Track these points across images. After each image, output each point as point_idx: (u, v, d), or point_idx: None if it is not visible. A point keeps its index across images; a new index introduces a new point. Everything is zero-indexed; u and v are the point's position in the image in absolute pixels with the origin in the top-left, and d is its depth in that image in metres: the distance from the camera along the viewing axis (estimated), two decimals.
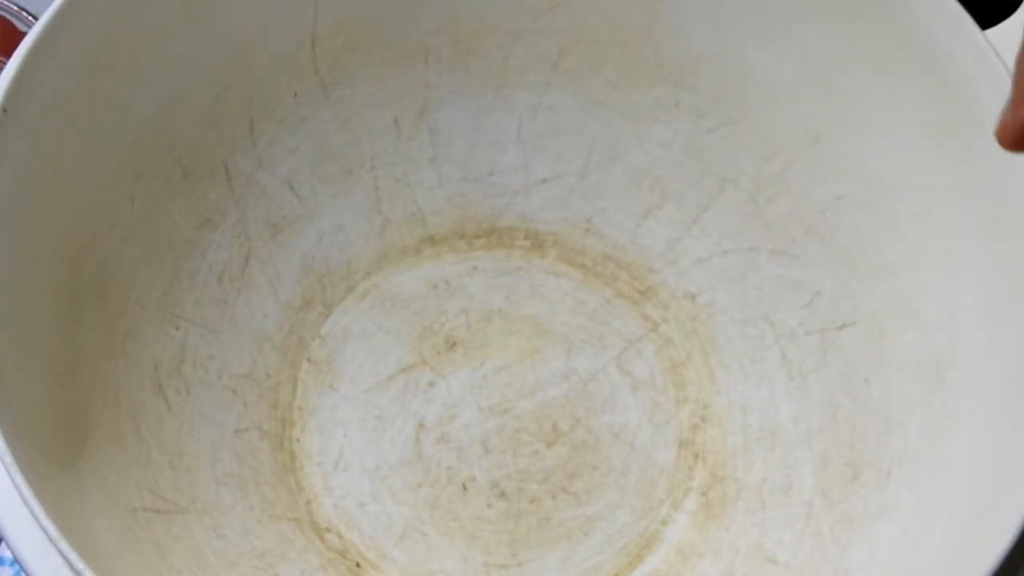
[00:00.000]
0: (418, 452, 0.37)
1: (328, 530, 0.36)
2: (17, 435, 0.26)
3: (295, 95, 0.37)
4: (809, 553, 0.34)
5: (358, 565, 0.35)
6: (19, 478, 0.25)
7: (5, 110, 0.28)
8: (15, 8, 0.40)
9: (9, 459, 0.26)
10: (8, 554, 0.37)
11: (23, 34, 0.39)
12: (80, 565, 0.25)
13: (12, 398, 0.27)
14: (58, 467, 0.29)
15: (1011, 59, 0.31)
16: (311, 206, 0.39)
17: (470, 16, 0.37)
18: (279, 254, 0.38)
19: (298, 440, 0.37)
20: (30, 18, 0.40)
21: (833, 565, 0.33)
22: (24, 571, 0.27)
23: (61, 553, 0.25)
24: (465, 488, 0.37)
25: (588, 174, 0.40)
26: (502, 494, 0.37)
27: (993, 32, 0.34)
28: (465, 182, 0.40)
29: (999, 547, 0.27)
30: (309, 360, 0.38)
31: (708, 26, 0.36)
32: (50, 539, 0.25)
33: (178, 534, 0.32)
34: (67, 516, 0.26)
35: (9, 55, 0.29)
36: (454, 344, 0.39)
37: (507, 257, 0.40)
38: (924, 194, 0.34)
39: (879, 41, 0.33)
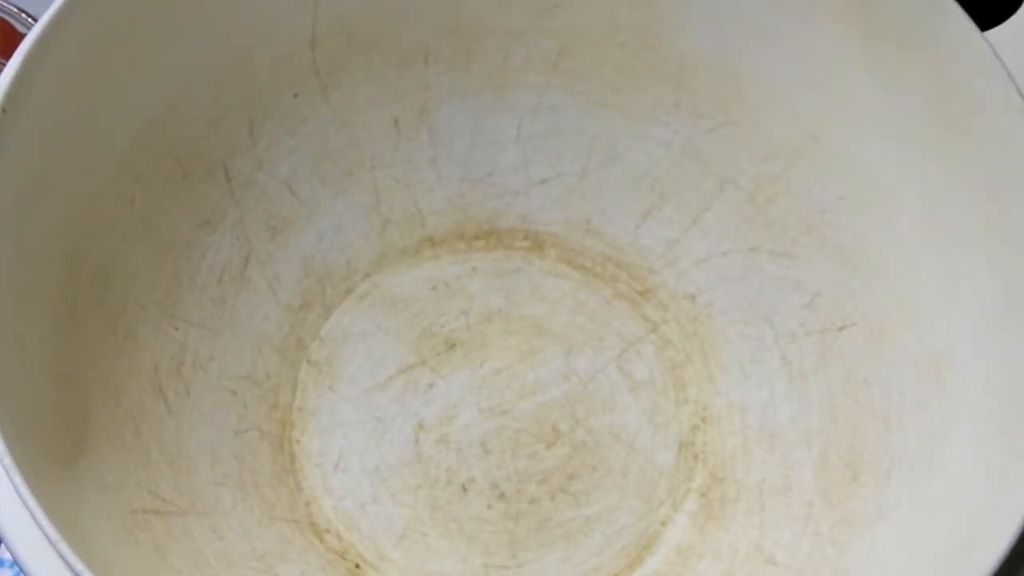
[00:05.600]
0: (418, 453, 0.37)
1: (328, 531, 0.36)
2: (16, 436, 0.26)
3: (295, 96, 0.37)
4: (808, 554, 0.34)
5: (358, 566, 0.35)
6: (18, 479, 0.25)
7: (5, 111, 0.28)
8: (14, 10, 0.40)
9: (8, 460, 0.26)
10: (7, 556, 0.37)
11: (22, 36, 0.39)
12: (79, 567, 0.25)
13: (11, 399, 0.27)
14: (57, 468, 0.29)
15: (1011, 60, 0.31)
16: (311, 207, 0.39)
17: (470, 16, 0.37)
18: (279, 255, 0.38)
19: (298, 441, 0.37)
20: (29, 19, 0.40)
21: (833, 566, 0.33)
22: (23, 573, 0.27)
23: (60, 555, 0.25)
24: (465, 489, 0.37)
25: (588, 174, 0.40)
26: (502, 495, 0.37)
27: (993, 33, 0.34)
28: (465, 182, 0.40)
29: (999, 548, 0.27)
30: (309, 361, 0.38)
31: (708, 26, 0.36)
32: (49, 540, 0.25)
33: (178, 535, 0.32)
34: (66, 517, 0.26)
35: (8, 56, 0.29)
36: (454, 345, 0.39)
37: (507, 258, 0.40)
38: (924, 194, 0.34)
39: (879, 42, 0.33)
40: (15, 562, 0.29)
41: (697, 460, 0.37)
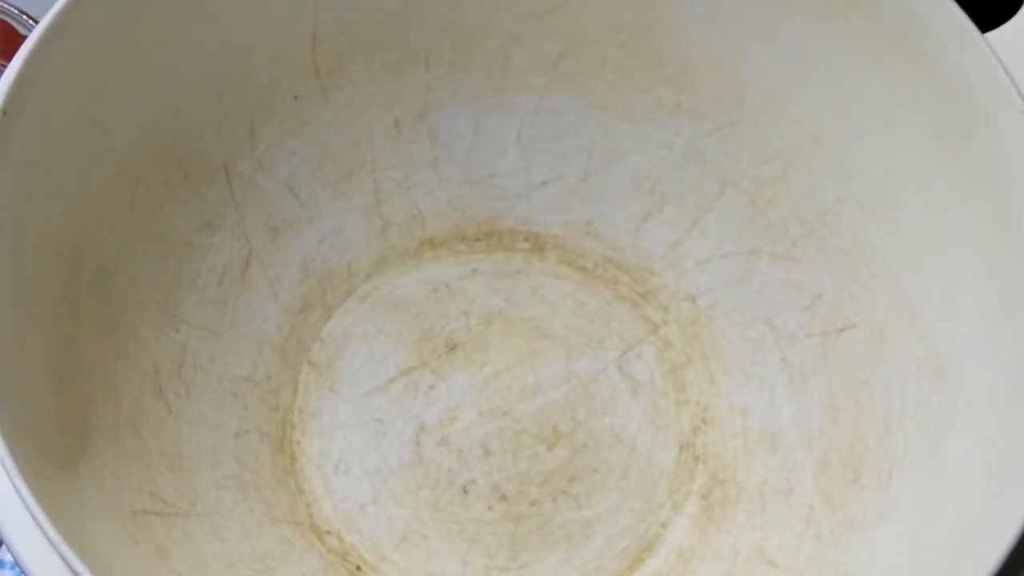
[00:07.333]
0: (418, 455, 0.37)
1: (328, 532, 0.36)
2: (17, 438, 0.26)
3: (295, 98, 0.37)
4: (810, 555, 0.34)
5: (358, 568, 0.35)
6: (19, 481, 0.25)
7: (5, 113, 0.28)
8: (15, 11, 0.40)
9: (9, 462, 0.26)
10: (8, 557, 0.37)
11: (23, 37, 0.39)
12: (80, 568, 0.25)
13: (12, 400, 0.27)
14: (58, 470, 0.29)
15: (1011, 62, 0.31)
16: (311, 209, 0.39)
17: (470, 18, 0.37)
18: (279, 257, 0.38)
19: (298, 443, 0.37)
20: (30, 21, 0.40)
21: (834, 567, 0.33)
22: (24, 574, 0.27)
23: (61, 556, 0.25)
24: (465, 491, 0.37)
25: (588, 176, 0.40)
26: (502, 497, 0.37)
27: (993, 35, 0.34)
28: (465, 184, 0.40)
29: (1000, 548, 0.27)
30: (309, 363, 0.38)
31: (708, 28, 0.36)
32: (50, 542, 0.25)
33: (178, 537, 0.32)
34: (67, 519, 0.26)
35: (9, 58, 0.29)
36: (454, 347, 0.39)
37: (507, 260, 0.40)
38: (924, 196, 0.34)
39: (880, 44, 0.33)
40: (16, 563, 0.29)
41: (698, 462, 0.37)
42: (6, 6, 0.40)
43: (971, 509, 0.29)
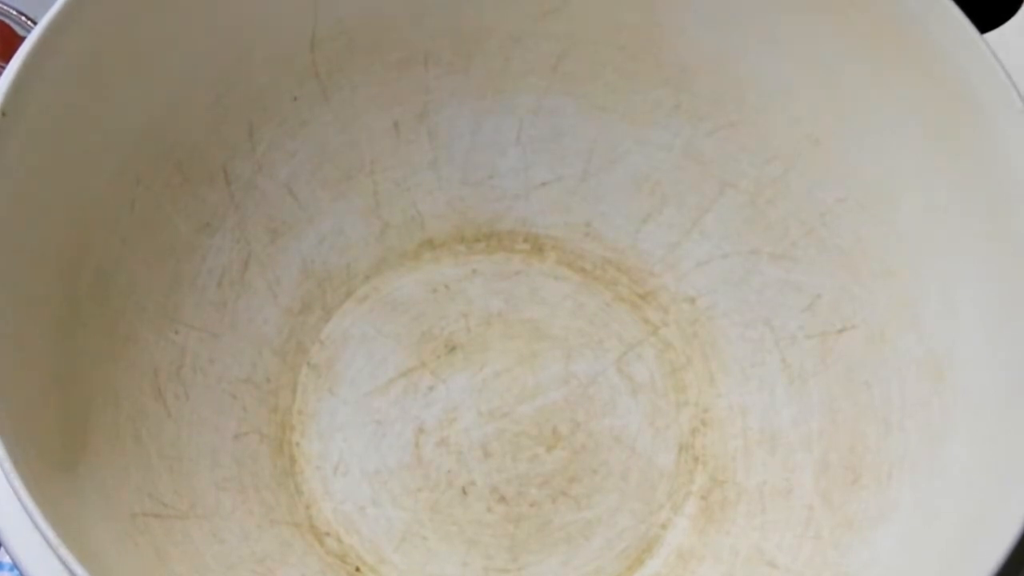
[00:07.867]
0: (418, 456, 0.37)
1: (328, 534, 0.36)
2: (16, 440, 0.26)
3: (295, 99, 0.37)
4: (809, 556, 0.34)
5: (358, 569, 0.35)
6: (18, 483, 0.25)
7: (4, 114, 0.28)
8: (14, 12, 0.40)
9: (8, 464, 0.25)
10: (7, 559, 0.37)
11: (22, 39, 0.39)
12: (79, 571, 0.25)
13: (11, 402, 0.27)
14: (57, 472, 0.29)
15: (1010, 62, 0.31)
16: (310, 210, 0.39)
17: (470, 19, 0.37)
18: (278, 258, 0.38)
19: (298, 444, 0.37)
20: (29, 22, 0.40)
21: (833, 568, 0.33)
22: None
23: (60, 559, 0.25)
24: (465, 492, 0.37)
25: (588, 177, 0.40)
26: (502, 498, 0.37)
27: (992, 35, 0.34)
28: (465, 185, 0.40)
29: (1000, 549, 0.27)
30: (309, 364, 0.38)
31: (708, 29, 0.36)
32: (49, 544, 0.25)
33: (178, 539, 0.32)
34: (66, 521, 0.26)
35: (8, 60, 0.29)
36: (454, 348, 0.39)
37: (507, 261, 0.40)
38: (924, 197, 0.34)
39: (879, 44, 0.34)
40: (15, 566, 0.29)
41: (697, 463, 0.37)
42: (5, 7, 0.40)
43: (971, 509, 0.29)
